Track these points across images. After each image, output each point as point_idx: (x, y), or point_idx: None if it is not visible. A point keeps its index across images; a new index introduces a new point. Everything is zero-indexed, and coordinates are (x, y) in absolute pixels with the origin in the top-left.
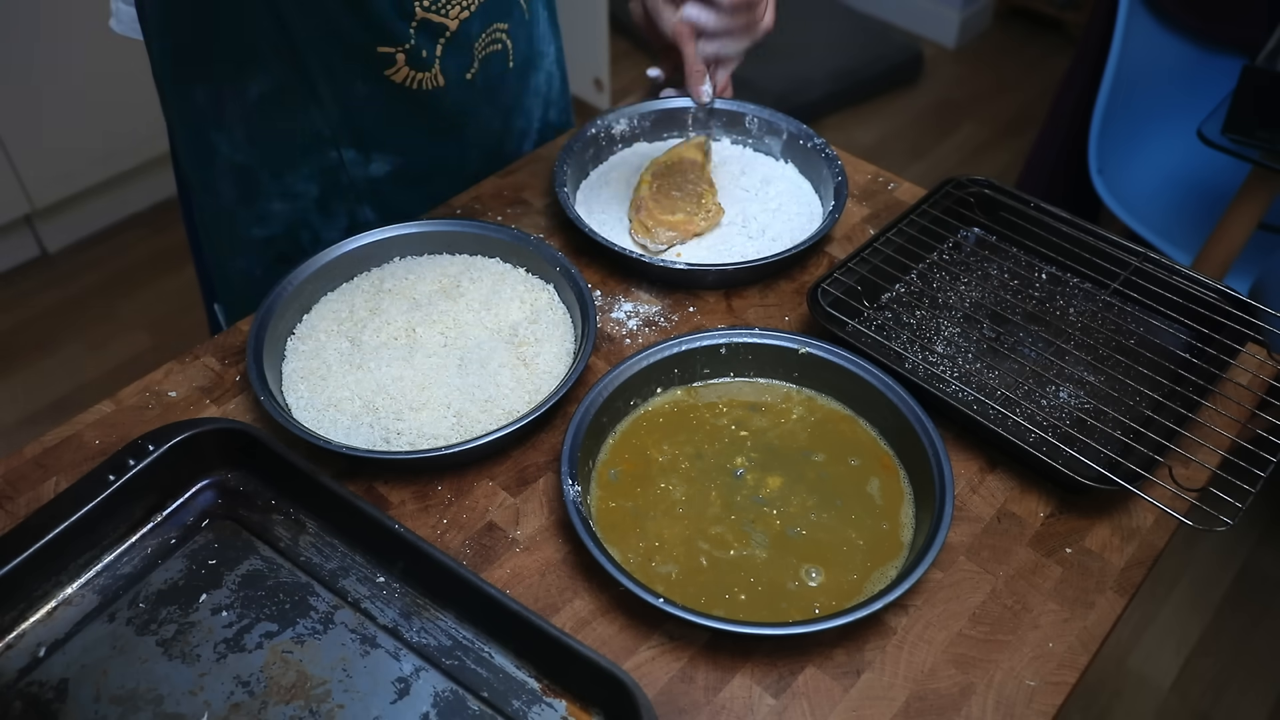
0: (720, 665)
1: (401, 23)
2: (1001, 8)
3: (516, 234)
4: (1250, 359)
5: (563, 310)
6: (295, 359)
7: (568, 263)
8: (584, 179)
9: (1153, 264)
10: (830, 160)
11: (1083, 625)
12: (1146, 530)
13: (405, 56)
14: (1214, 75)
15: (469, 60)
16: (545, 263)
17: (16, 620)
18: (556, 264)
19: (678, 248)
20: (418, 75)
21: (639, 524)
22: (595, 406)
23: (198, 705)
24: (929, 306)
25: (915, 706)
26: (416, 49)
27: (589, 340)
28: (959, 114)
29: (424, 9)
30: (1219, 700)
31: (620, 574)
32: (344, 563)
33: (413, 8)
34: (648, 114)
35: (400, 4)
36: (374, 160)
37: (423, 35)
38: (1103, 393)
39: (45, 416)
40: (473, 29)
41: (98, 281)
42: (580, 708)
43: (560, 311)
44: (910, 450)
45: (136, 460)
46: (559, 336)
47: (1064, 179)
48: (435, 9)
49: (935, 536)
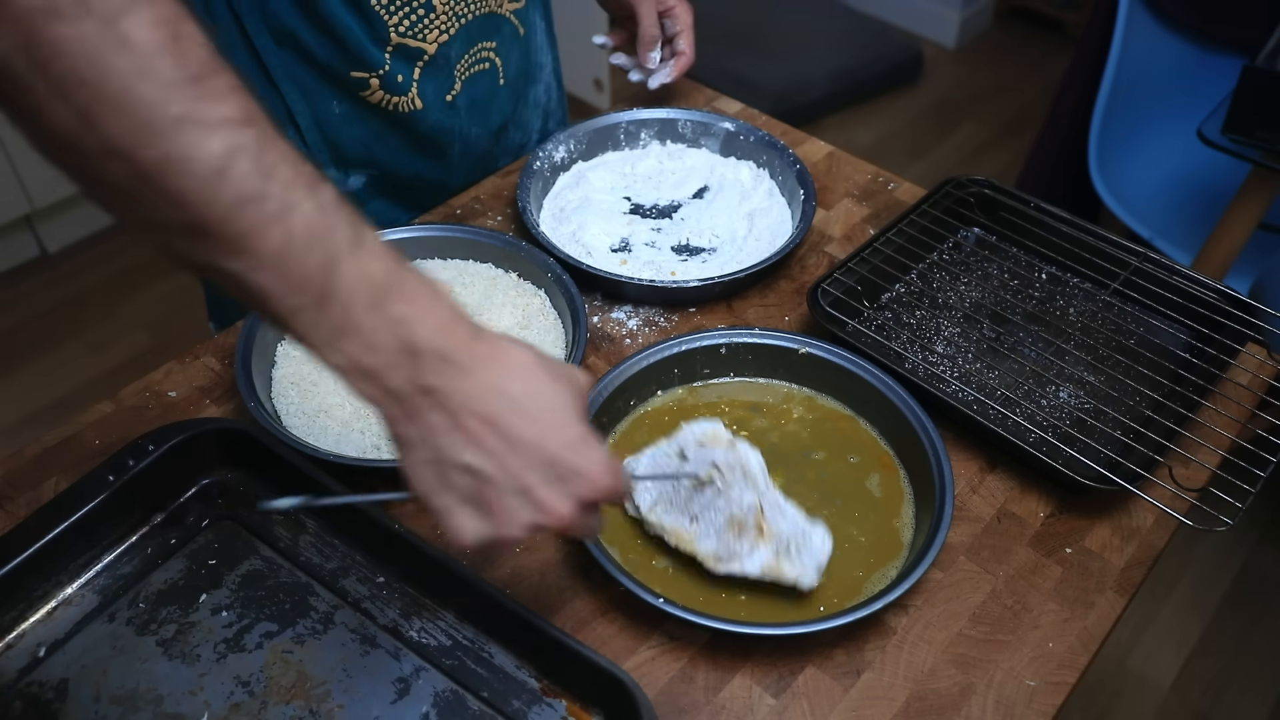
0: (720, 665)
1: (375, 49)
2: (1001, 8)
3: (509, 239)
4: (1250, 359)
5: (554, 316)
6: (286, 364)
7: (559, 269)
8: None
9: (1153, 264)
10: (782, 151)
11: (1083, 625)
12: (1146, 530)
13: (379, 81)
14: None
15: (449, 83)
16: (537, 268)
17: (16, 620)
18: (548, 270)
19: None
20: (393, 99)
21: (640, 523)
22: (596, 406)
23: (198, 705)
24: (929, 306)
25: (915, 706)
26: (391, 74)
27: (579, 346)
28: (959, 114)
29: (399, 34)
30: (1219, 700)
31: (621, 575)
32: (344, 563)
33: (388, 34)
34: (582, 136)
35: (374, 30)
36: (353, 175)
37: (398, 60)
38: (1103, 393)
39: (45, 416)
40: (453, 52)
41: (98, 281)
42: (580, 708)
43: (552, 318)
44: (910, 450)
45: (136, 460)
46: (550, 342)
47: (1064, 179)
48: (411, 34)
49: (935, 536)
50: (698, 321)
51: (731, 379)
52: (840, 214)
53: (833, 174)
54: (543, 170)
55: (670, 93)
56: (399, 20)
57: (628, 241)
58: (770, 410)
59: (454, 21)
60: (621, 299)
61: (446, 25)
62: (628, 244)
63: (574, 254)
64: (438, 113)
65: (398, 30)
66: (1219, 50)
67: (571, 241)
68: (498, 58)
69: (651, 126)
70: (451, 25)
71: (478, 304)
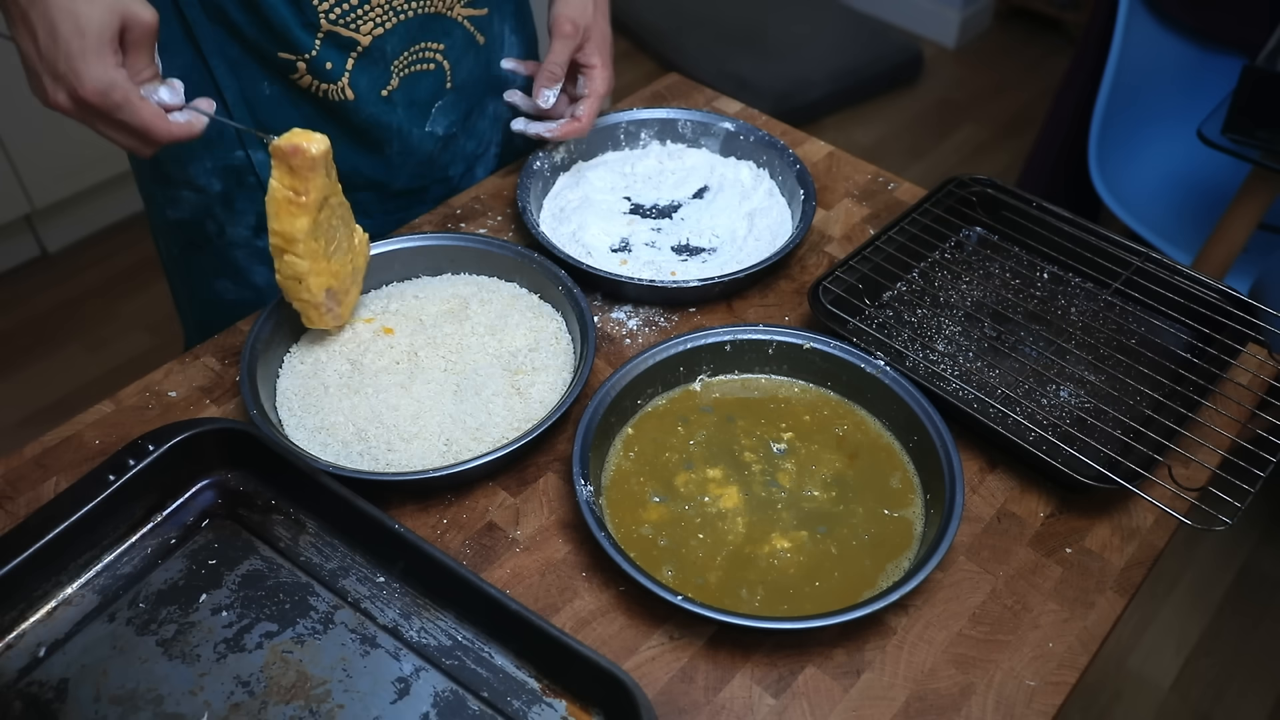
0: (720, 665)
1: (304, 32)
2: (1001, 8)
3: (520, 251)
4: (1250, 359)
5: (567, 340)
6: (291, 376)
7: (570, 281)
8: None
9: (1154, 264)
10: (782, 151)
11: (1083, 625)
12: (1146, 530)
13: (306, 65)
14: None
15: (385, 77)
16: (548, 281)
17: (16, 620)
18: (559, 283)
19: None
20: (321, 85)
21: (645, 521)
22: (603, 407)
23: (198, 705)
24: (930, 305)
25: (915, 706)
26: (319, 60)
27: (586, 363)
28: (959, 114)
29: (330, 21)
30: (1219, 700)
31: (638, 573)
32: (344, 563)
33: (317, 19)
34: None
35: (303, 13)
36: None
37: (329, 47)
38: (1103, 392)
39: (45, 416)
40: (389, 47)
41: (98, 281)
42: (580, 708)
43: (565, 341)
44: (919, 444)
45: (136, 460)
46: (558, 366)
47: (1064, 179)
48: (344, 22)
49: (946, 530)
50: (698, 321)
51: (736, 375)
52: (840, 214)
53: (833, 174)
54: (543, 170)
55: (670, 93)
56: (330, 6)
57: (628, 241)
58: (776, 407)
59: (391, 15)
60: (621, 299)
61: (382, 19)
62: (628, 244)
63: (574, 254)
64: (371, 106)
65: (328, 17)
66: (1219, 50)
67: (571, 241)
68: (445, 60)
69: (651, 126)
70: (388, 19)
71: (492, 323)
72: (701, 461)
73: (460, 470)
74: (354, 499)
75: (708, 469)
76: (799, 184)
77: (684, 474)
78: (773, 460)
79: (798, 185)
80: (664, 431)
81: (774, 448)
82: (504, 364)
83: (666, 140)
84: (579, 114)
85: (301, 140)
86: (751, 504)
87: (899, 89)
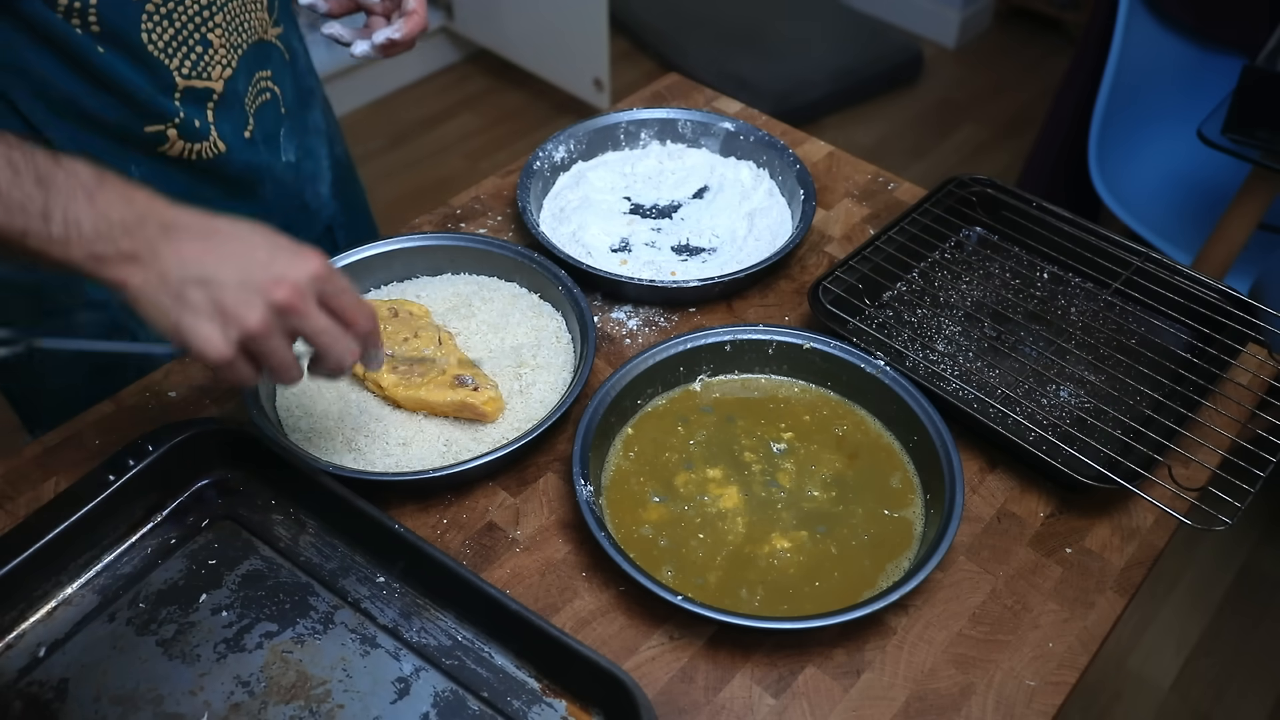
0: (720, 665)
1: (163, 97)
2: (1001, 8)
3: (520, 251)
4: (1250, 359)
5: (567, 340)
6: None
7: (570, 281)
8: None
9: (1154, 264)
10: (782, 151)
11: (1083, 625)
12: (1146, 530)
13: (177, 131)
14: (1214, 75)
15: (243, 118)
16: (548, 281)
17: (16, 620)
18: (559, 283)
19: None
20: (194, 147)
21: (645, 521)
22: (603, 407)
23: (198, 705)
24: (930, 305)
25: (915, 706)
26: (188, 120)
27: (586, 363)
28: (959, 114)
29: (184, 77)
30: (1219, 700)
31: (638, 573)
32: (344, 563)
33: (172, 78)
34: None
35: (159, 78)
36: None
37: (189, 104)
38: (1103, 392)
39: None
40: (239, 86)
41: None
42: (580, 708)
43: (565, 341)
44: (919, 444)
45: (136, 460)
46: (558, 366)
47: (1064, 179)
48: (196, 74)
49: (946, 530)
50: (698, 321)
51: (736, 375)
52: (840, 214)
53: (833, 174)
54: (542, 170)
55: (670, 93)
56: (180, 61)
57: (628, 241)
58: (776, 406)
59: (232, 54)
60: (621, 299)
61: (227, 59)
62: (628, 244)
63: (574, 254)
64: (241, 153)
65: (180, 73)
66: (1219, 50)
67: (571, 241)
68: (275, 86)
69: (651, 126)
70: (231, 58)
71: (495, 321)
72: (701, 461)
73: (460, 470)
74: (354, 499)
75: (708, 469)
76: (799, 184)
77: (684, 474)
78: (773, 460)
79: (798, 185)
80: (664, 431)
81: (774, 448)
82: (504, 363)
83: (666, 140)
84: (410, 7)
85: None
86: (751, 504)
87: (899, 89)
